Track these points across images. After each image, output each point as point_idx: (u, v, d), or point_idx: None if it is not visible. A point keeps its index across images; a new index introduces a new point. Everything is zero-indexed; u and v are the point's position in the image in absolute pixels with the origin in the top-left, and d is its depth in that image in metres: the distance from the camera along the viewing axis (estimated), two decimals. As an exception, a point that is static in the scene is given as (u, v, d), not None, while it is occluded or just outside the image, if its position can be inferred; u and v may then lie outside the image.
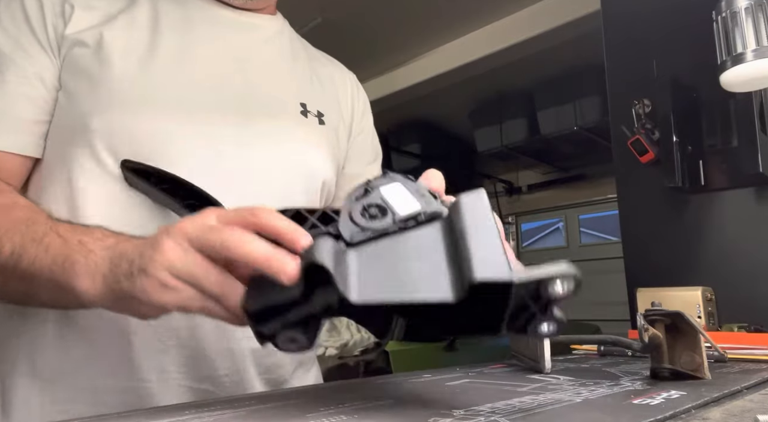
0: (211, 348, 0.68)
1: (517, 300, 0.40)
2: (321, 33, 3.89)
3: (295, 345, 0.42)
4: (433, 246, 0.42)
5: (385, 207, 0.44)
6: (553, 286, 0.40)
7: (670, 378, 0.59)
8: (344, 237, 0.43)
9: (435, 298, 0.39)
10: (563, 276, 0.40)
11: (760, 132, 1.16)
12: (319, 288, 0.40)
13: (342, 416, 0.41)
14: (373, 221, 0.44)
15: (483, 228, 0.42)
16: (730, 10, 1.02)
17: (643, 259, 1.36)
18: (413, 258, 0.42)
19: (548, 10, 3.43)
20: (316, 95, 0.87)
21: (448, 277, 0.40)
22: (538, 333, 0.42)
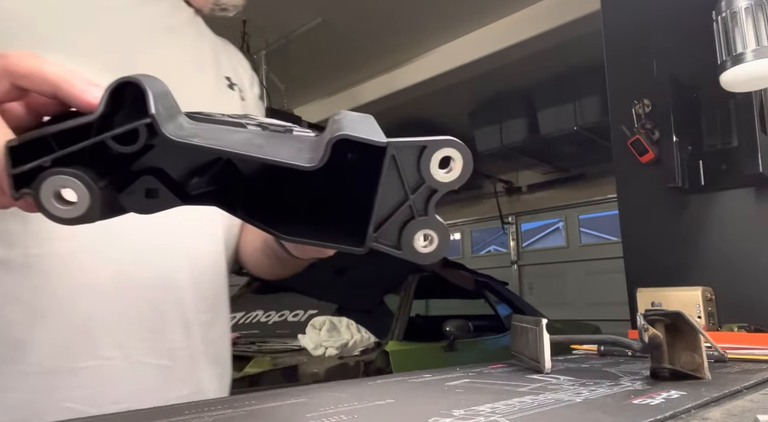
0: (169, 320, 0.66)
1: (389, 189, 0.33)
2: (321, 33, 3.90)
3: (66, 208, 0.33)
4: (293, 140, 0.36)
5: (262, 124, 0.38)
6: (436, 163, 0.32)
7: (670, 378, 0.59)
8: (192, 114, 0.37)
9: (289, 162, 0.32)
10: (450, 143, 0.32)
11: (760, 132, 1.16)
12: (124, 111, 0.33)
13: (342, 416, 0.41)
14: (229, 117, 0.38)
15: (359, 117, 0.37)
16: (730, 10, 1.02)
17: (643, 259, 1.36)
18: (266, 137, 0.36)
19: (548, 10, 3.43)
20: (230, 71, 0.86)
21: (305, 151, 0.33)
22: (413, 248, 0.34)
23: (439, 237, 0.34)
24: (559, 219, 5.90)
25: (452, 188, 0.33)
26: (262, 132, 0.37)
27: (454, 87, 4.20)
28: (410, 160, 0.32)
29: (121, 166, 0.35)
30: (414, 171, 0.33)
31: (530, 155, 4.99)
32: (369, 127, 0.35)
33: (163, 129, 0.32)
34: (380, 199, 0.33)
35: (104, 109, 0.32)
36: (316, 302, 2.78)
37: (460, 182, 0.33)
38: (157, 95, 0.32)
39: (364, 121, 0.37)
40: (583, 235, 5.71)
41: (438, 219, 0.34)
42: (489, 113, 4.72)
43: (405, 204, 0.33)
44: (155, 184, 0.36)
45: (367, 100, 4.41)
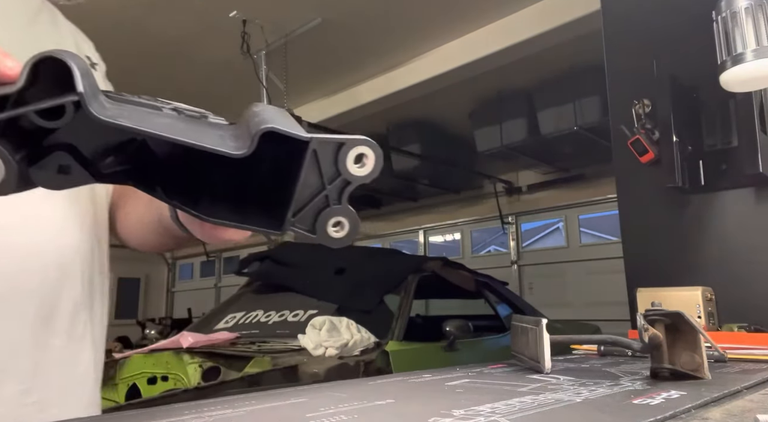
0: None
1: (309, 178, 0.35)
2: (321, 33, 3.90)
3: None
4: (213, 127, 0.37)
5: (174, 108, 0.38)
6: (351, 159, 0.35)
7: (670, 378, 0.59)
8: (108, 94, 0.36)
9: (218, 146, 0.33)
10: (365, 142, 0.35)
11: (760, 132, 1.16)
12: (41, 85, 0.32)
13: (342, 416, 0.41)
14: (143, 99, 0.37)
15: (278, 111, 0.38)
16: (730, 10, 1.02)
17: (643, 259, 1.36)
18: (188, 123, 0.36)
19: (548, 10, 3.43)
20: (89, 50, 0.84)
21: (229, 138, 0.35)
22: (326, 233, 0.37)
23: (350, 224, 0.37)
24: (559, 220, 5.90)
25: (364, 182, 0.36)
26: (179, 116, 0.37)
27: (454, 87, 4.20)
28: (329, 154, 0.35)
29: (35, 141, 0.35)
30: (331, 164, 0.36)
31: (530, 155, 4.99)
32: (290, 121, 0.37)
33: (90, 108, 0.32)
34: (300, 187, 0.36)
35: (25, 82, 0.32)
36: (316, 302, 2.78)
37: (372, 177, 0.36)
38: (82, 73, 0.32)
39: (284, 115, 0.38)
40: (583, 235, 5.71)
41: (349, 208, 0.37)
42: (489, 113, 4.72)
43: (321, 193, 0.37)
44: (68, 160, 0.36)
45: (367, 100, 4.41)
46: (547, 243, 6.07)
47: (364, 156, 0.36)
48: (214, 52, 3.91)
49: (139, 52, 3.80)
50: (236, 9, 3.44)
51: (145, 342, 5.19)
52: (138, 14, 3.43)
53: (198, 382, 2.12)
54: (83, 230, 0.72)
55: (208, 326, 2.94)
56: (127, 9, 3.36)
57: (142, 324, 6.69)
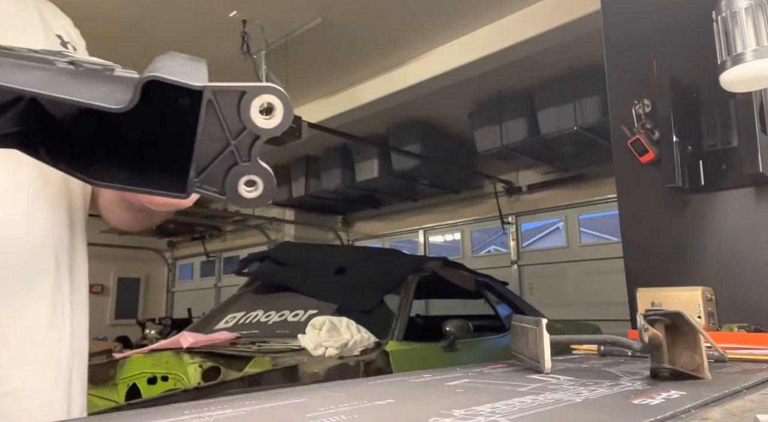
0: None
1: (211, 131, 0.31)
2: (321, 33, 3.90)
3: None
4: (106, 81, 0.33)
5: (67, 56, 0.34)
6: (256, 109, 0.31)
7: (670, 378, 0.59)
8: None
9: (91, 102, 0.29)
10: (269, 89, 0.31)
11: (760, 132, 1.16)
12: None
13: (342, 416, 0.41)
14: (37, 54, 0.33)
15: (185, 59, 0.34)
16: (730, 10, 1.02)
17: (643, 259, 1.36)
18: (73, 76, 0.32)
19: (548, 10, 3.43)
20: (60, 27, 0.82)
21: (116, 92, 0.30)
22: (238, 193, 0.33)
23: (264, 183, 0.33)
24: (559, 220, 5.90)
25: (274, 134, 0.32)
26: (71, 69, 0.33)
27: (454, 87, 4.20)
28: (231, 105, 0.31)
29: None
30: (235, 117, 0.32)
31: (530, 155, 4.99)
32: (192, 69, 0.33)
33: None
34: (200, 144, 0.32)
35: None
36: (316, 302, 2.78)
37: (282, 129, 0.32)
38: None
39: (189, 64, 0.34)
40: (583, 235, 5.71)
41: (262, 165, 0.33)
42: (489, 113, 4.72)
43: (227, 149, 0.33)
44: None
45: (367, 100, 4.40)
46: (547, 243, 6.07)
47: (271, 106, 0.32)
48: (214, 52, 3.91)
49: (139, 52, 3.80)
50: (236, 9, 3.44)
51: (145, 342, 5.20)
52: (138, 14, 3.43)
53: (198, 382, 2.12)
54: (56, 214, 0.71)
55: (208, 326, 2.94)
56: (127, 9, 3.36)
57: (142, 324, 6.69)
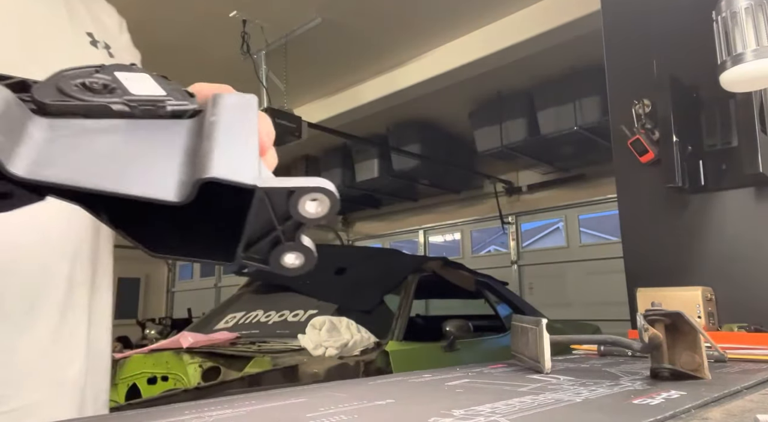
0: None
1: (261, 216, 0.33)
2: (320, 33, 3.90)
3: None
4: (170, 141, 0.33)
5: (115, 86, 0.34)
6: (304, 203, 0.32)
7: (670, 378, 0.59)
8: (36, 99, 0.32)
9: (151, 195, 0.30)
10: (318, 189, 0.32)
11: (760, 132, 1.16)
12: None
13: (342, 416, 0.41)
14: (86, 92, 0.33)
15: (238, 126, 0.34)
16: (730, 10, 1.02)
17: (643, 259, 1.36)
18: (134, 145, 0.32)
19: (548, 10, 3.43)
20: (95, 22, 0.77)
21: (174, 174, 0.31)
22: (281, 265, 0.35)
23: (305, 258, 0.35)
24: (559, 220, 5.90)
25: (319, 223, 0.34)
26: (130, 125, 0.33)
27: (454, 87, 4.20)
28: (281, 198, 0.33)
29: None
30: (284, 206, 0.33)
31: (530, 155, 4.99)
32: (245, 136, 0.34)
33: (11, 170, 0.28)
34: (250, 225, 0.33)
35: None
36: (316, 302, 2.78)
37: (328, 218, 0.34)
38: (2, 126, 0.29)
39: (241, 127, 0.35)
40: (583, 235, 5.71)
41: (305, 245, 0.34)
42: (489, 113, 4.72)
43: (274, 232, 0.34)
44: (6, 187, 0.32)
45: (367, 99, 4.40)
46: (547, 243, 6.07)
47: (317, 199, 0.33)
48: (214, 52, 3.91)
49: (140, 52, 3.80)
50: (236, 9, 3.44)
51: (145, 342, 5.19)
52: (138, 14, 3.43)
53: (198, 382, 2.12)
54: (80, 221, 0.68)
55: (208, 326, 2.94)
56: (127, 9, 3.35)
57: (142, 324, 6.69)
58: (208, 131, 0.34)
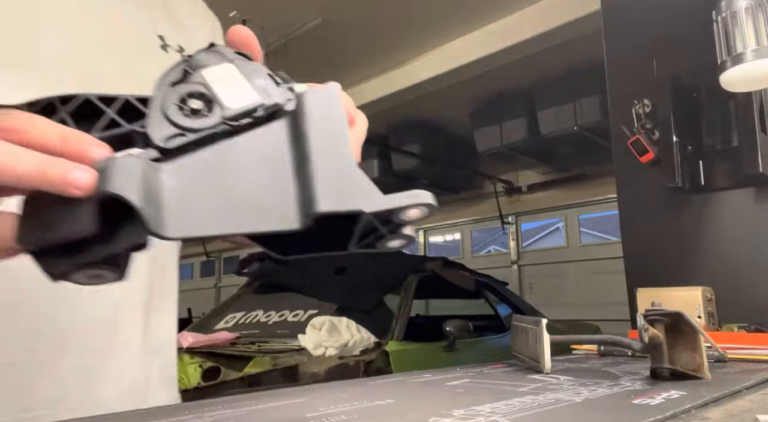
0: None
1: (367, 224, 0.36)
2: (321, 33, 3.90)
3: (100, 281, 0.33)
4: (273, 155, 0.35)
5: (211, 97, 0.35)
6: (406, 213, 0.35)
7: (670, 378, 0.59)
8: (155, 142, 0.33)
9: (276, 229, 0.33)
10: (420, 205, 0.35)
11: (760, 132, 1.16)
12: (123, 222, 0.31)
13: (342, 416, 0.41)
14: (195, 118, 0.34)
15: (332, 139, 0.35)
16: (730, 10, 1.02)
17: (643, 259, 1.36)
18: (249, 172, 0.34)
19: (548, 10, 3.43)
20: (169, 24, 0.74)
21: (292, 202, 0.34)
22: (387, 248, 0.38)
23: (408, 241, 0.37)
24: (559, 220, 5.90)
25: (418, 222, 0.37)
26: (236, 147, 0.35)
27: (454, 87, 4.21)
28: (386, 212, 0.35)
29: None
30: (388, 214, 0.35)
31: (530, 155, 4.99)
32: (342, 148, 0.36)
33: (165, 234, 0.30)
34: (357, 232, 0.36)
35: (95, 228, 0.30)
36: (316, 302, 2.78)
37: (422, 217, 0.37)
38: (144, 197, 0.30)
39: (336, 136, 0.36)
40: (583, 235, 5.71)
41: (407, 234, 0.37)
42: (489, 113, 4.72)
43: (379, 231, 0.36)
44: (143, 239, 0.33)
45: (367, 100, 4.41)
46: (547, 243, 6.07)
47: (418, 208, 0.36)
48: (214, 52, 3.91)
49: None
50: (236, 9, 3.45)
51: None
52: (138, 14, 3.43)
53: (198, 382, 2.13)
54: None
55: (208, 326, 2.94)
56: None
57: (142, 324, 6.68)
58: (304, 147, 0.35)
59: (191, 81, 0.35)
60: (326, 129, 0.36)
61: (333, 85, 0.38)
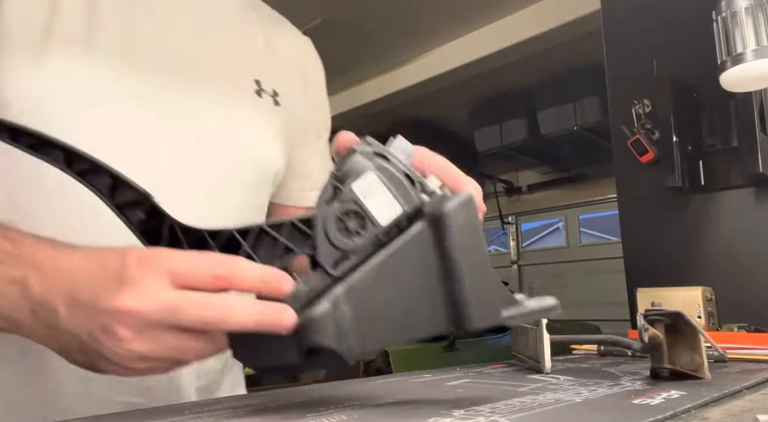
0: None
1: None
2: (321, 33, 3.89)
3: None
4: (420, 263, 0.39)
5: (363, 213, 0.40)
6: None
7: (670, 378, 0.59)
8: (327, 271, 0.39)
9: (433, 333, 0.40)
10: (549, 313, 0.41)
11: (760, 132, 1.16)
12: (319, 354, 0.38)
13: (342, 416, 0.41)
14: (353, 238, 0.40)
15: (473, 251, 0.40)
16: (730, 10, 1.02)
17: (643, 259, 1.36)
18: (402, 282, 0.39)
19: (548, 10, 3.43)
20: (270, 69, 0.77)
21: (441, 307, 0.39)
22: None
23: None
24: (559, 220, 5.90)
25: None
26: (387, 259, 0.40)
27: (454, 87, 4.20)
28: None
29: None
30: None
31: (530, 155, 4.98)
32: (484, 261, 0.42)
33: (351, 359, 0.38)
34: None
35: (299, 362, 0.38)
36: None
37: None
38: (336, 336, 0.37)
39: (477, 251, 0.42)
40: (583, 235, 5.71)
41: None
42: (489, 113, 4.72)
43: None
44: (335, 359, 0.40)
45: (367, 100, 4.40)
46: (547, 243, 6.07)
47: None
48: (214, 52, 3.90)
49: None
50: (236, 9, 3.44)
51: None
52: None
53: (198, 382, 2.12)
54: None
55: (208, 326, 2.93)
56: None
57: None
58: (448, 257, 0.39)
59: (343, 198, 0.40)
60: (467, 240, 0.40)
61: (468, 193, 0.42)
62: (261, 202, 0.76)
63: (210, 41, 0.70)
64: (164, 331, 0.37)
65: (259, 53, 0.77)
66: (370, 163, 0.41)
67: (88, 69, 0.59)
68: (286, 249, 0.40)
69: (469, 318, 0.38)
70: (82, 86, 0.58)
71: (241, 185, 0.70)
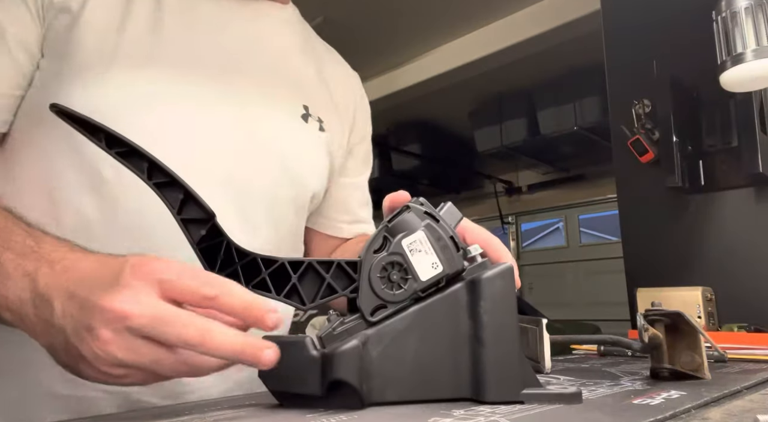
0: None
1: None
2: (322, 32, 3.88)
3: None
4: (451, 325, 0.42)
5: (406, 267, 0.42)
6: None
7: (670, 378, 0.59)
8: (365, 316, 0.42)
9: (452, 396, 0.42)
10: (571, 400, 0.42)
11: (760, 132, 1.16)
12: (341, 392, 0.40)
13: (342, 416, 0.41)
14: (394, 290, 0.42)
15: (504, 327, 0.42)
16: (730, 10, 1.02)
17: (643, 259, 1.36)
18: (431, 340, 0.41)
19: (548, 10, 3.43)
20: (319, 97, 0.80)
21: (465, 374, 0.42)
22: None
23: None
24: (559, 220, 5.89)
25: None
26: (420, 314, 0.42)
27: (454, 87, 4.20)
28: None
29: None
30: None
31: (530, 155, 4.98)
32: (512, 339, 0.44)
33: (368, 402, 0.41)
34: None
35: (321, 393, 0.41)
36: (316, 302, 2.78)
37: None
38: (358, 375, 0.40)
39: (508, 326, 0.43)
40: (583, 235, 5.71)
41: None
42: (489, 113, 4.71)
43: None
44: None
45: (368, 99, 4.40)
46: (547, 243, 6.07)
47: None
48: (214, 52, 3.91)
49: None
50: (236, 9, 3.44)
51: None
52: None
53: (198, 382, 2.12)
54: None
55: (208, 326, 2.93)
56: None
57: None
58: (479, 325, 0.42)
59: (391, 250, 0.43)
60: (500, 308, 0.42)
61: (508, 265, 0.44)
62: (297, 223, 0.78)
63: (265, 64, 0.74)
64: (144, 341, 0.38)
65: (309, 81, 0.80)
66: (420, 222, 0.44)
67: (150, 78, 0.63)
68: (329, 287, 0.43)
69: (490, 388, 0.41)
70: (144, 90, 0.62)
71: (277, 201, 0.72)
